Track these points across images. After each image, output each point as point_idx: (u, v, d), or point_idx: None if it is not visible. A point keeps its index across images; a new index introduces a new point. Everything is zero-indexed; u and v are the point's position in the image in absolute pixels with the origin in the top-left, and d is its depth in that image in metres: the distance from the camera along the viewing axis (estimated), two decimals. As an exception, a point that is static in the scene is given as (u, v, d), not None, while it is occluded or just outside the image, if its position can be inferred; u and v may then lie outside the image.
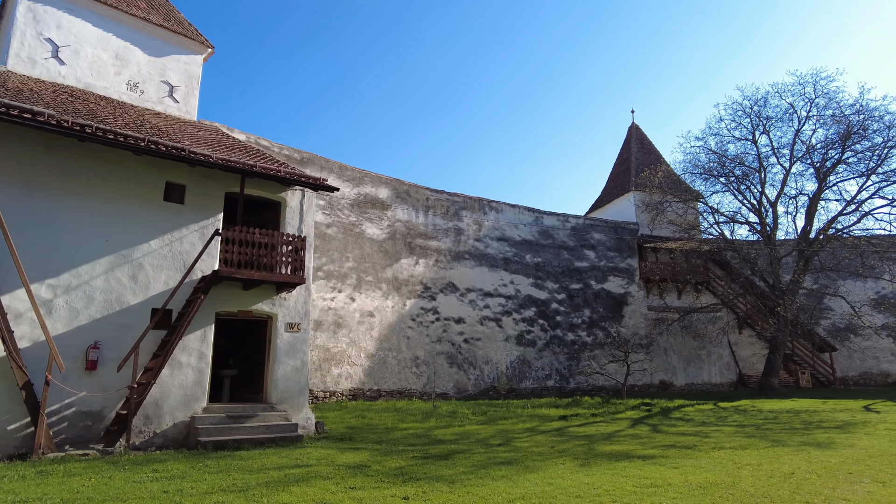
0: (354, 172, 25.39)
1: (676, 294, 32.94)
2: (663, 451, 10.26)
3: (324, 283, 22.77)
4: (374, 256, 24.76)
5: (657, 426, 14.96)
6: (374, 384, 23.01)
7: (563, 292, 30.31)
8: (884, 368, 33.31)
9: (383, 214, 25.75)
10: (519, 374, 27.46)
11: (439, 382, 24.95)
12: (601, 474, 8.11)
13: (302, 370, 12.61)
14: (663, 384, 30.95)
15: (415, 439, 12.08)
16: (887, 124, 25.09)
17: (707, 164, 28.94)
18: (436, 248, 26.98)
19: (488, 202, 29.61)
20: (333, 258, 23.38)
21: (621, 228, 33.14)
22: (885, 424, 14.57)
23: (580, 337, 29.85)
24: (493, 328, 27.52)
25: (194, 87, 18.76)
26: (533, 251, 30.16)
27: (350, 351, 22.71)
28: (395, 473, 8.18)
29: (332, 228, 23.77)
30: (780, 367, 28.07)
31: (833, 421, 15.74)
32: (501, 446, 11.07)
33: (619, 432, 13.55)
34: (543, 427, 14.63)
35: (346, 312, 23.05)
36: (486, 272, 28.23)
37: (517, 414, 17.79)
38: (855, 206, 26.99)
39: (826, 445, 11.00)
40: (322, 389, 21.52)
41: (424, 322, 25.46)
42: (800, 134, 27.76)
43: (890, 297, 33.07)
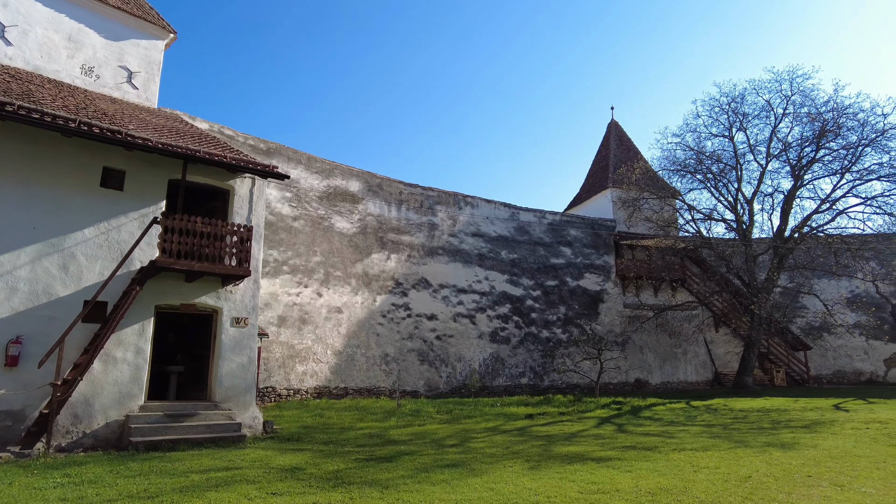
0: (324, 164, 24.72)
1: (653, 292, 32.72)
2: (621, 453, 9.82)
3: (289, 277, 22.10)
4: (343, 251, 24.12)
5: (623, 426, 14.57)
6: (340, 382, 22.40)
7: (538, 289, 29.91)
8: (857, 367, 33.43)
9: (354, 208, 25.11)
10: (492, 371, 27.02)
11: (409, 380, 24.42)
12: (548, 478, 7.63)
13: (249, 367, 11.98)
14: (639, 382, 30.71)
15: (367, 439, 11.53)
16: (861, 122, 25.00)
17: (684, 160, 28.70)
18: (409, 243, 26.40)
19: (463, 197, 29.10)
20: (300, 252, 22.71)
21: (598, 225, 32.83)
22: (852, 424, 14.31)
23: (555, 334, 29.48)
24: (467, 325, 27.03)
25: (155, 74, 18.01)
26: (509, 247, 29.72)
27: (316, 348, 22.07)
28: (328, 477, 7.62)
29: (299, 221, 23.09)
30: (754, 365, 27.94)
31: (801, 420, 15.48)
32: (455, 447, 10.57)
33: (582, 432, 13.12)
34: (506, 426, 14.16)
35: (312, 308, 22.40)
36: (460, 268, 27.73)
37: (484, 413, 17.32)
38: (829, 204, 26.91)
39: (789, 446, 10.65)
40: (286, 387, 20.87)
41: (395, 318, 24.89)
42: (776, 131, 27.64)
43: (863, 295, 33.19)
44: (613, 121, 39.75)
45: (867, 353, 33.46)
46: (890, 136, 24.70)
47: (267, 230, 21.95)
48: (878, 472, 8.19)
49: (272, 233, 22.10)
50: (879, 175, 25.39)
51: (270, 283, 21.51)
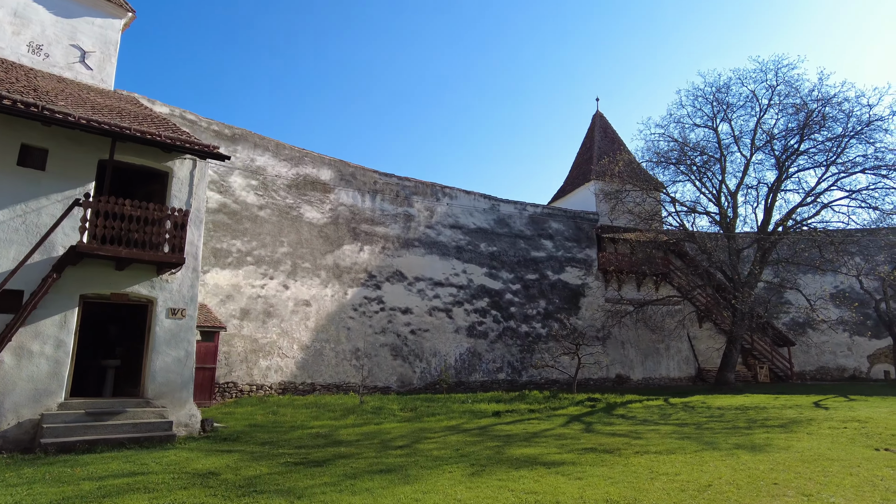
0: (293, 152, 23.79)
1: (635, 286, 32.09)
2: (579, 456, 9.08)
3: (253, 269, 21.20)
4: (312, 242, 23.23)
5: (592, 425, 13.86)
6: (307, 377, 21.57)
7: (518, 283, 29.17)
8: (840, 363, 33.00)
9: (325, 197, 24.21)
10: (469, 366, 26.27)
11: (381, 376, 23.63)
12: (486, 487, 6.86)
13: (186, 361, 11.13)
14: (620, 378, 30.10)
15: (311, 439, 10.73)
16: (846, 113, 24.37)
17: (667, 151, 27.99)
18: (383, 235, 25.55)
19: (441, 188, 28.25)
20: (265, 242, 21.81)
21: (580, 218, 32.11)
22: (830, 423, 13.68)
23: (534, 329, 28.78)
24: (443, 319, 26.25)
25: (111, 54, 17.03)
26: (488, 240, 28.93)
27: (281, 342, 21.21)
28: (241, 485, 6.82)
29: (266, 210, 22.18)
30: (736, 361, 27.38)
31: (779, 419, 14.84)
32: (401, 448, 9.79)
33: (546, 431, 12.39)
34: (469, 425, 13.41)
35: (278, 301, 21.52)
36: (437, 260, 26.92)
37: (451, 410, 16.56)
38: (813, 197, 26.32)
39: (760, 448, 9.95)
40: (248, 383, 20.01)
41: (368, 312, 24.06)
42: (761, 122, 26.98)
43: (847, 291, 32.72)
44: (598, 112, 39.00)
45: (851, 350, 33.03)
46: (875, 127, 24.12)
47: (230, 219, 21.08)
48: (850, 479, 7.49)
49: (236, 222, 21.20)
50: (864, 167, 24.82)
51: (233, 275, 20.62)
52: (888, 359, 31.06)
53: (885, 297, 29.04)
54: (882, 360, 32.04)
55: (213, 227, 20.56)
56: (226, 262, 20.56)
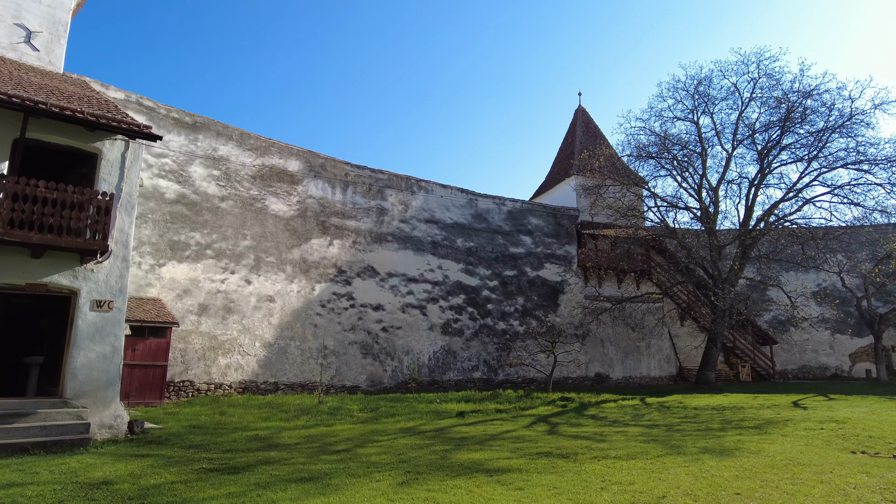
0: (259, 141, 22.85)
1: (616, 283, 31.45)
2: (530, 462, 8.30)
3: (213, 262, 20.26)
4: (278, 235, 22.32)
5: (558, 426, 13.11)
6: (270, 376, 20.66)
7: (495, 279, 28.41)
8: (822, 361, 32.58)
9: (292, 189, 23.30)
10: (443, 365, 25.47)
11: (350, 375, 22.76)
12: (411, 499, 6.06)
13: (112, 358, 10.21)
14: (599, 377, 29.44)
15: (246, 443, 9.87)
16: (828, 106, 23.83)
17: (647, 145, 27.31)
18: (354, 229, 24.67)
19: (417, 181, 27.41)
20: (227, 235, 20.87)
21: (560, 214, 31.41)
22: (807, 423, 13.03)
23: (512, 326, 28.03)
24: (417, 316, 25.42)
25: (60, 36, 16.08)
26: (465, 235, 28.14)
27: (242, 339, 20.28)
28: (133, 496, 5.98)
29: (228, 202, 21.24)
30: (717, 360, 26.79)
31: (755, 419, 14.19)
32: (339, 453, 8.96)
33: (506, 433, 11.61)
34: (426, 427, 12.61)
35: (239, 296, 20.60)
36: (411, 256, 26.08)
37: (414, 410, 15.74)
38: (794, 193, 25.77)
39: (729, 452, 9.23)
40: (206, 381, 19.07)
41: (337, 308, 23.17)
42: (743, 116, 26.38)
43: (830, 289, 32.30)
44: (581, 107, 38.36)
45: (833, 348, 32.63)
46: (857, 121, 23.60)
47: (189, 210, 20.12)
48: (820, 487, 6.77)
49: (195, 213, 20.25)
50: (846, 162, 24.30)
51: (191, 269, 19.67)
52: (870, 357, 30.66)
53: (866, 294, 28.61)
54: (864, 358, 31.66)
55: (170, 218, 19.60)
56: (183, 255, 19.61)
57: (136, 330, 16.07)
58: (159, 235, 19.24)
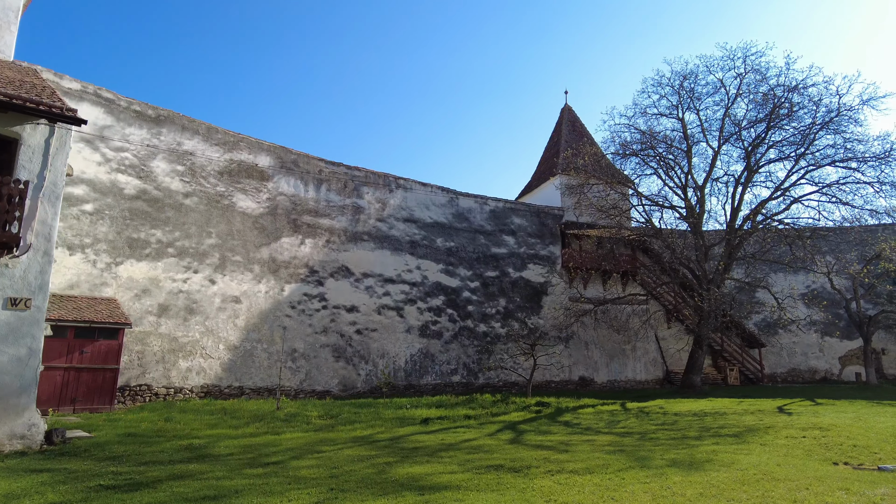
0: (227, 136, 21.99)
1: (602, 284, 30.69)
2: (475, 477, 7.49)
3: (175, 261, 19.37)
4: (245, 233, 21.45)
5: (525, 434, 12.30)
6: (235, 380, 19.77)
7: (476, 280, 27.60)
8: (811, 365, 31.90)
9: (262, 186, 22.44)
10: (420, 368, 24.62)
11: (321, 379, 21.89)
12: (316, 525, 5.22)
13: (28, 361, 9.33)
14: (583, 381, 28.65)
15: (173, 454, 9.01)
16: (814, 101, 23.14)
17: (631, 143, 26.57)
18: (328, 227, 23.82)
19: (395, 179, 26.59)
20: (190, 233, 19.99)
21: (544, 214, 30.65)
22: (789, 431, 12.26)
23: (493, 328, 27.21)
24: (393, 318, 24.57)
25: (11, 22, 15.19)
26: (445, 234, 27.32)
27: (205, 341, 19.39)
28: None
29: (192, 198, 20.36)
30: (702, 363, 26.00)
31: (735, 427, 13.42)
32: (268, 466, 8.12)
33: (465, 442, 10.79)
34: (382, 435, 11.78)
35: (202, 296, 19.71)
36: (388, 256, 25.24)
37: (379, 416, 14.90)
38: (781, 192, 25.07)
39: (699, 465, 8.43)
40: (165, 385, 18.16)
41: (308, 310, 22.30)
42: (729, 112, 25.66)
43: (819, 291, 31.66)
44: (567, 106, 37.62)
45: (822, 351, 31.96)
46: (844, 117, 22.93)
47: (150, 207, 19.24)
48: (792, 509, 5.98)
49: (157, 210, 19.37)
50: (834, 160, 23.63)
51: (151, 267, 18.78)
52: (860, 360, 29.99)
53: (855, 296, 27.94)
54: (854, 361, 31.00)
55: (129, 215, 18.71)
56: (143, 253, 18.72)
57: (85, 331, 15.20)
58: (117, 232, 18.35)
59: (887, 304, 29.19)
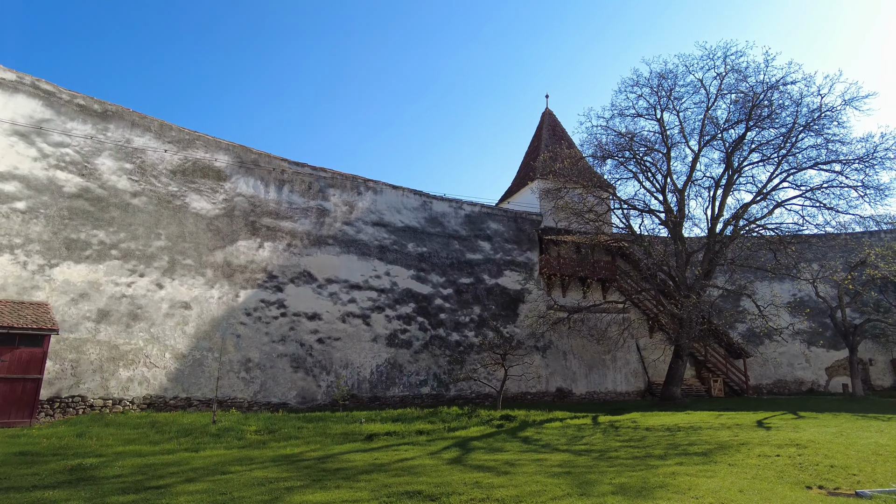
0: (182, 133, 20.90)
1: (581, 292, 29.65)
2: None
3: (119, 264, 18.17)
4: (198, 235, 20.29)
5: (471, 452, 11.16)
6: (182, 391, 18.50)
7: (450, 287, 26.48)
8: (798, 376, 30.92)
9: (219, 186, 21.32)
10: (387, 379, 23.41)
11: (277, 390, 20.65)
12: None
13: None
14: (560, 392, 27.50)
15: (50, 477, 7.83)
16: (795, 101, 22.29)
17: (608, 145, 25.65)
18: (290, 230, 22.68)
19: (364, 181, 25.51)
20: (137, 234, 18.82)
21: (522, 219, 29.62)
22: (764, 448, 11.18)
23: (466, 337, 26.05)
24: (359, 326, 23.38)
25: None
26: (417, 239, 26.22)
27: (150, 349, 18.15)
28: None
29: (141, 198, 19.21)
30: (683, 374, 24.94)
31: (707, 443, 12.33)
32: (144, 492, 6.96)
33: (397, 463, 9.63)
34: (311, 454, 10.62)
35: (148, 301, 18.49)
36: (354, 261, 24.10)
37: (322, 432, 13.73)
38: (763, 195, 24.18)
39: (649, 492, 7.33)
40: (102, 396, 16.88)
41: (264, 317, 21.10)
42: (710, 113, 24.77)
43: (805, 299, 30.76)
44: (548, 109, 36.83)
45: (809, 362, 31.01)
46: (827, 117, 22.10)
47: (93, 206, 18.08)
48: (742, 553, 4.87)
49: (100, 210, 18.20)
50: (816, 162, 22.78)
51: (91, 270, 17.57)
52: (846, 371, 29.02)
53: (840, 304, 27.01)
54: (841, 372, 30.05)
55: (68, 214, 17.54)
56: (82, 255, 17.52)
57: (3, 338, 13.96)
58: (53, 233, 17.15)
59: (873, 312, 28.29)
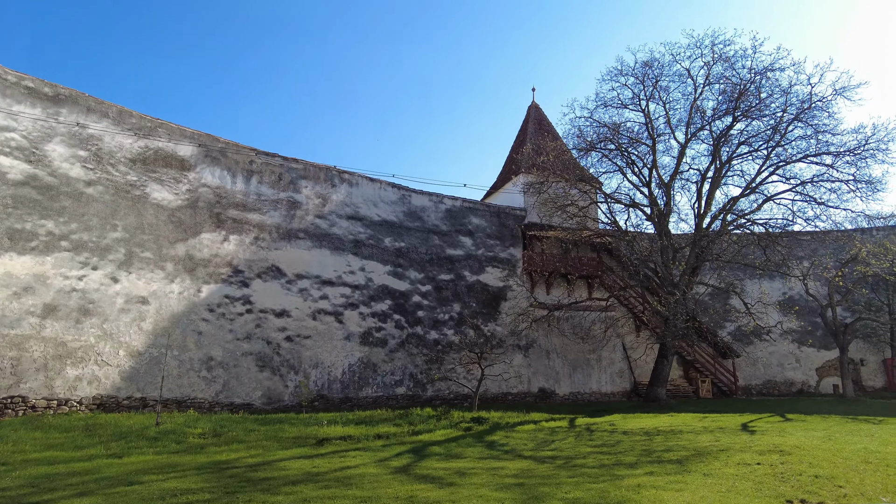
0: (143, 120, 19.88)
1: (566, 289, 28.75)
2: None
3: (69, 256, 17.14)
4: (159, 227, 19.28)
5: (426, 458, 10.22)
6: (137, 391, 17.50)
7: (428, 283, 25.55)
8: (788, 376, 30.13)
9: (182, 176, 20.31)
10: (360, 380, 22.45)
11: (241, 391, 19.66)
12: None
13: None
14: (543, 393, 26.60)
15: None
16: (784, 90, 21.44)
17: (588, 134, 24.76)
18: (258, 223, 21.69)
19: (339, 172, 24.53)
20: (91, 225, 17.79)
21: (505, 214, 28.70)
22: (744, 455, 10.27)
23: (445, 336, 25.12)
24: (331, 324, 22.41)
25: None
26: (395, 234, 25.26)
27: (102, 346, 17.13)
28: None
29: (96, 187, 18.19)
30: (668, 374, 24.09)
31: (684, 449, 11.42)
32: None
33: (336, 472, 8.68)
34: (248, 459, 9.66)
35: (101, 296, 17.47)
36: (327, 255, 23.12)
37: (275, 435, 12.79)
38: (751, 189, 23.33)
39: (604, 507, 6.39)
40: (46, 397, 15.86)
41: (229, 314, 20.11)
42: (697, 104, 23.91)
43: (796, 298, 29.97)
44: (534, 103, 35.97)
45: (799, 362, 30.22)
46: (817, 107, 21.26)
47: (41, 195, 17.05)
48: None
49: (49, 199, 17.16)
50: (806, 153, 21.95)
51: (37, 262, 16.54)
52: (837, 371, 28.21)
53: (831, 302, 26.19)
54: (831, 372, 29.27)
55: (12, 203, 16.50)
56: (28, 245, 16.48)
57: (-71, 334, 12.94)
58: (-5, 222, 16.12)
59: (865, 311, 27.50)
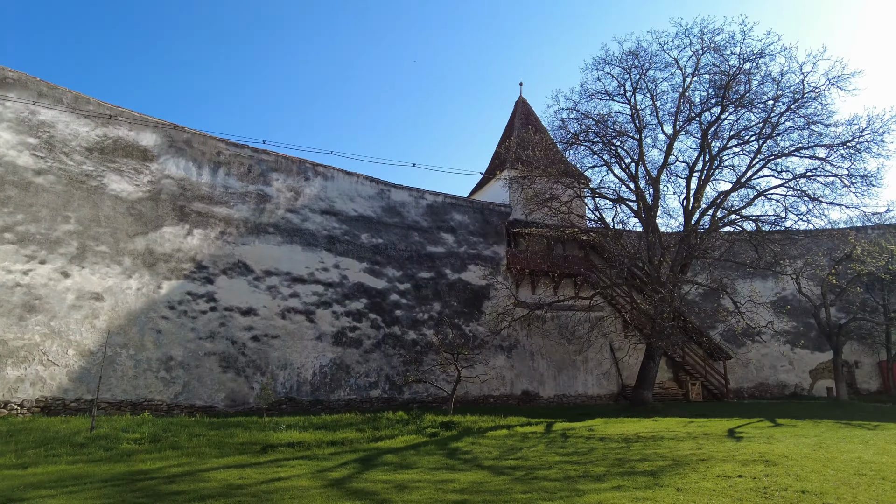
0: (102, 108, 18.87)
1: (553, 288, 27.78)
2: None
3: (13, 248, 16.09)
4: (116, 220, 18.24)
5: (373, 469, 9.24)
6: (87, 392, 16.42)
7: (407, 281, 24.55)
8: (781, 379, 29.20)
9: (144, 167, 19.29)
10: (332, 381, 21.43)
11: (203, 393, 18.62)
12: None
13: None
14: (527, 395, 25.62)
15: None
16: (774, 79, 20.53)
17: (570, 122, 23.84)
18: (224, 217, 20.66)
19: (313, 165, 23.52)
20: (40, 216, 16.75)
21: (489, 211, 27.74)
22: (727, 466, 9.30)
23: (425, 336, 24.12)
24: (301, 323, 21.39)
25: None
26: (372, 230, 24.26)
27: (48, 345, 16.08)
28: None
29: (47, 177, 17.15)
30: (654, 376, 23.16)
31: (663, 458, 10.46)
32: None
33: (259, 485, 7.68)
34: (173, 469, 8.70)
35: (49, 291, 16.42)
36: (298, 251, 22.10)
37: (218, 441, 11.78)
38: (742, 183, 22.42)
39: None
40: (-17, 400, 14.82)
41: (191, 312, 19.07)
42: (686, 96, 22.98)
43: (790, 298, 29.05)
44: (521, 98, 35.12)
45: (792, 364, 29.30)
46: (809, 97, 20.38)
47: (-17, 184, 15.98)
48: None
49: (-7, 188, 16.13)
50: (799, 145, 21.06)
51: (-23, 256, 15.50)
52: (832, 374, 27.28)
53: (824, 302, 25.28)
54: (825, 375, 28.35)
55: (-48, 192, 15.47)
56: (-34, 237, 15.44)
57: None
58: (-69, 212, 15.08)
59: (859, 311, 26.58)
